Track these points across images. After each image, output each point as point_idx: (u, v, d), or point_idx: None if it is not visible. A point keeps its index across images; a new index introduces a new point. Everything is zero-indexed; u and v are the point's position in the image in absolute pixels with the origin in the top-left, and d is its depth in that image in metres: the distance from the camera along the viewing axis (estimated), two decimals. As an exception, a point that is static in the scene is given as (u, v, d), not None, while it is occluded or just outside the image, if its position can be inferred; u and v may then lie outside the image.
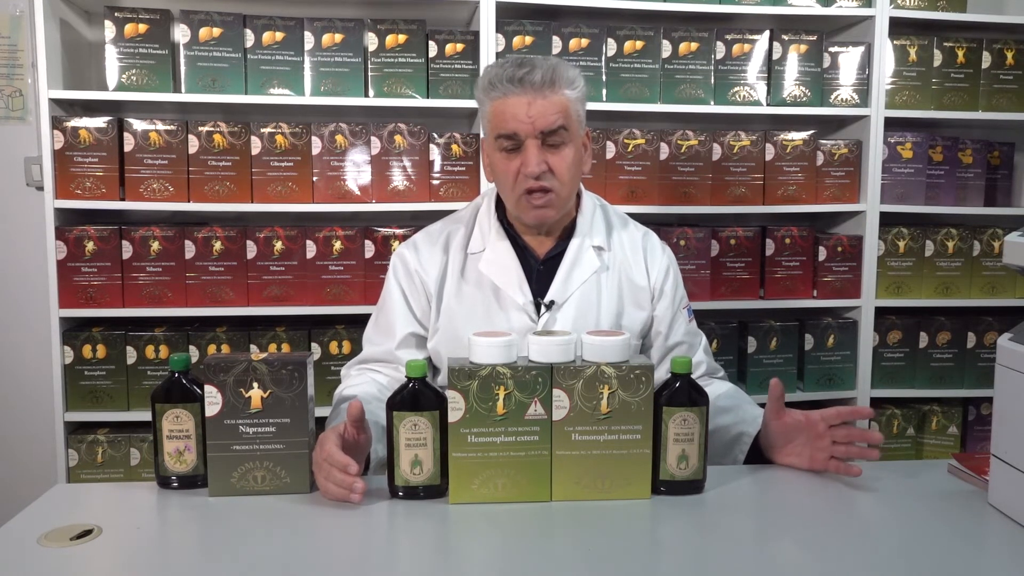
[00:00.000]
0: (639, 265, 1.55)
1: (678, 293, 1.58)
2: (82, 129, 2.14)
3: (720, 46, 2.36)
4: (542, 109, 1.38)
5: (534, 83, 1.38)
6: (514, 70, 1.39)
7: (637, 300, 1.54)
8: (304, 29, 2.20)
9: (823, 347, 2.46)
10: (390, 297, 1.54)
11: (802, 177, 2.43)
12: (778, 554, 1.08)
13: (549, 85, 1.38)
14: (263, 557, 1.05)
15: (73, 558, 1.05)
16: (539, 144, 1.39)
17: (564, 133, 1.41)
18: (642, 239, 1.58)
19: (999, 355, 1.20)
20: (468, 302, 1.49)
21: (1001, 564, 1.07)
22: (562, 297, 1.48)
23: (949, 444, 2.54)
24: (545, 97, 1.38)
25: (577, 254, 1.50)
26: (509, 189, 1.44)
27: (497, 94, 1.40)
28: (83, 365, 2.19)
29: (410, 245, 1.56)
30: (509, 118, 1.39)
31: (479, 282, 1.50)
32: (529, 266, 1.50)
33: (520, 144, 1.40)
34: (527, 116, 1.38)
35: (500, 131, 1.41)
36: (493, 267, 1.49)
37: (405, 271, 1.53)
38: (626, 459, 1.21)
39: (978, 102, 2.48)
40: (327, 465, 1.21)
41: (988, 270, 2.51)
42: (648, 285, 1.55)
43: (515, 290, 1.48)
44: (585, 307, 1.49)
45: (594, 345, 1.20)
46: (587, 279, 1.50)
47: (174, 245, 2.19)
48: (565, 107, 1.40)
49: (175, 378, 1.26)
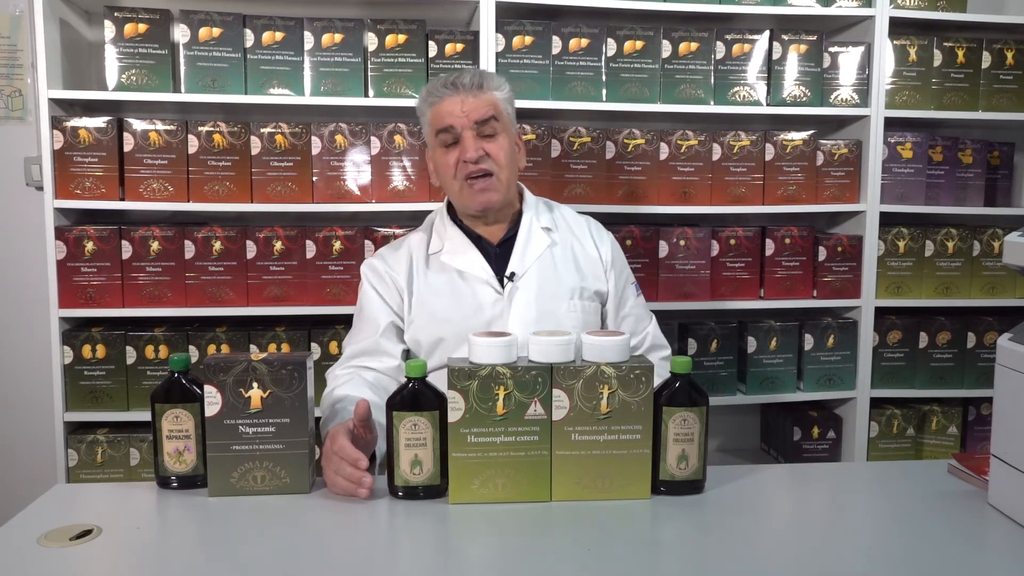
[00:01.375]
0: (587, 240, 1.68)
1: (625, 269, 1.72)
2: (82, 129, 2.14)
3: (720, 46, 2.36)
4: (474, 105, 1.54)
5: (465, 84, 1.55)
6: (447, 77, 1.58)
7: (593, 272, 1.66)
8: (304, 29, 2.20)
9: (823, 347, 2.46)
10: (366, 299, 1.63)
11: (802, 177, 2.43)
12: (778, 554, 1.08)
13: (478, 86, 1.56)
14: (263, 557, 1.05)
15: (73, 558, 1.05)
16: (474, 135, 1.54)
17: (496, 123, 1.56)
18: (586, 223, 1.72)
19: (999, 355, 1.20)
20: (436, 285, 1.60)
21: (1001, 564, 1.07)
22: (522, 269, 1.59)
23: (949, 444, 2.54)
24: (476, 96, 1.55)
25: (529, 231, 1.63)
26: (451, 179, 1.57)
27: (434, 99, 1.58)
28: (83, 365, 2.19)
29: (376, 256, 1.68)
30: (445, 115, 1.55)
31: (443, 269, 1.61)
32: (487, 252, 1.62)
33: (458, 137, 1.55)
34: (461, 111, 1.54)
35: (438, 127, 1.56)
36: (454, 256, 1.61)
37: (376, 274, 1.64)
38: (626, 459, 1.21)
39: (978, 102, 2.48)
40: (337, 459, 1.22)
41: (988, 270, 2.51)
42: (599, 257, 1.67)
43: (477, 270, 1.59)
44: (545, 277, 1.60)
45: (594, 345, 1.20)
46: (541, 254, 1.62)
47: (174, 245, 2.19)
48: (495, 103, 1.57)
49: (175, 378, 1.26)
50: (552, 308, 1.57)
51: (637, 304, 1.71)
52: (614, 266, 1.68)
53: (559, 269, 1.62)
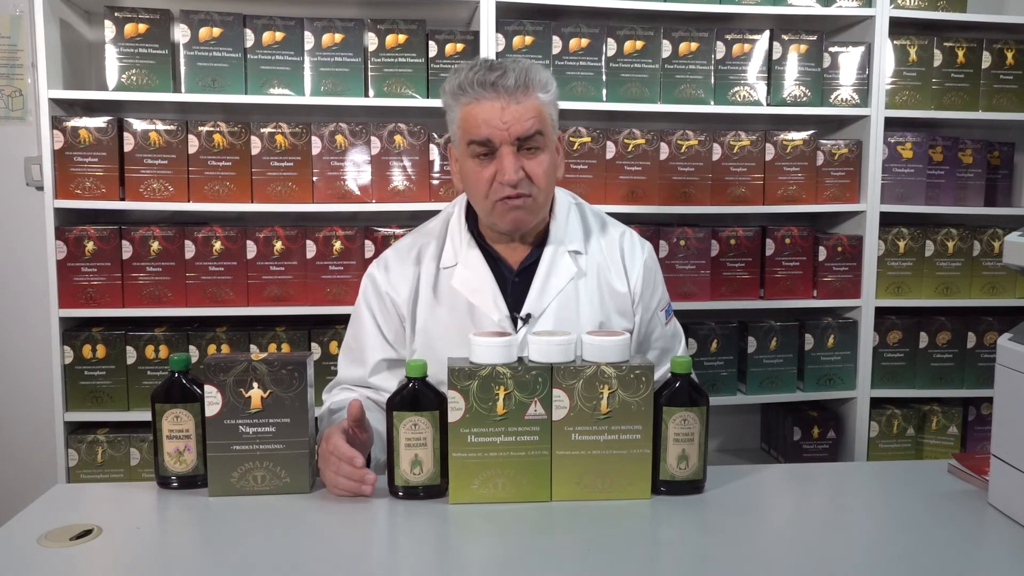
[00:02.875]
0: (618, 269, 1.49)
1: (656, 294, 1.53)
2: (82, 129, 2.14)
3: (720, 46, 2.36)
4: (516, 114, 1.32)
5: (507, 87, 1.32)
6: (485, 73, 1.33)
7: (620, 308, 1.48)
8: (304, 29, 2.20)
9: (823, 347, 2.46)
10: (360, 322, 1.49)
11: (802, 177, 2.43)
12: (778, 554, 1.08)
13: (523, 89, 1.33)
14: (263, 557, 1.05)
15: (73, 558, 1.05)
16: (514, 151, 1.34)
17: (540, 138, 1.36)
18: (619, 239, 1.52)
19: (999, 355, 1.20)
20: (443, 323, 1.44)
21: (1001, 564, 1.07)
22: (538, 309, 1.42)
23: (949, 444, 2.54)
24: (519, 102, 1.33)
25: (552, 262, 1.44)
26: (483, 197, 1.38)
27: (468, 98, 1.34)
28: (83, 365, 2.18)
29: (380, 264, 1.51)
30: (482, 124, 1.33)
31: (453, 300, 1.44)
32: (504, 278, 1.45)
33: (494, 150, 1.34)
34: (502, 122, 1.32)
35: (472, 137, 1.34)
36: (466, 284, 1.43)
37: (376, 294, 1.48)
38: (626, 459, 1.21)
39: (978, 102, 2.48)
40: (335, 459, 1.21)
41: (988, 270, 2.51)
42: (628, 291, 1.49)
43: (490, 306, 1.42)
44: (563, 317, 1.42)
45: (594, 345, 1.20)
46: (564, 288, 1.43)
47: (174, 245, 2.19)
48: (540, 111, 1.35)
49: (175, 378, 1.26)
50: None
51: (664, 334, 1.53)
52: (642, 298, 1.49)
53: (581, 306, 1.44)
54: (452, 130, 1.42)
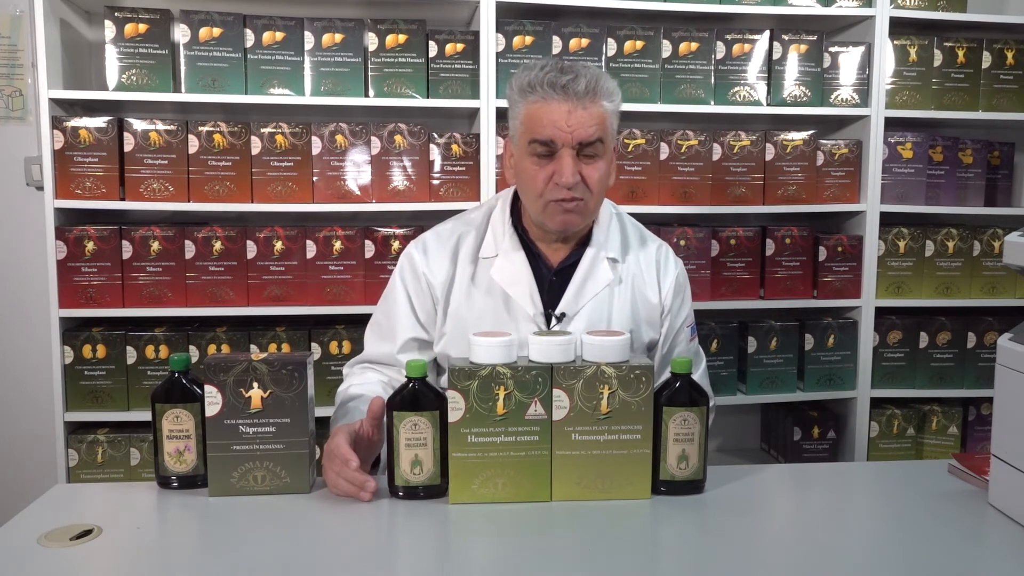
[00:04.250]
0: (652, 280, 1.52)
1: (684, 309, 1.56)
2: (82, 129, 2.14)
3: (720, 46, 2.36)
4: (581, 119, 1.35)
5: (577, 92, 1.34)
6: (556, 75, 1.36)
7: (649, 318, 1.51)
8: (304, 29, 2.20)
9: (823, 347, 2.46)
10: (395, 298, 1.51)
11: (802, 177, 2.43)
12: (778, 554, 1.08)
13: (591, 95, 1.35)
14: (263, 557, 1.05)
15: (73, 558, 1.05)
16: (574, 155, 1.36)
17: (600, 146, 1.38)
18: (656, 252, 1.55)
19: (999, 355, 1.20)
20: (478, 308, 1.46)
21: (1001, 564, 1.07)
22: (573, 309, 1.45)
23: (949, 444, 2.54)
24: (585, 108, 1.35)
25: (591, 265, 1.48)
26: (536, 195, 1.40)
27: (535, 97, 1.37)
28: (83, 365, 2.18)
29: (419, 245, 1.53)
30: (547, 124, 1.35)
31: (490, 288, 1.47)
32: (541, 275, 1.48)
33: (554, 152, 1.37)
34: (567, 125, 1.34)
35: (535, 136, 1.36)
36: (505, 275, 1.46)
37: (412, 273, 1.50)
38: (626, 459, 1.21)
39: (978, 102, 2.48)
40: (339, 460, 1.21)
41: (988, 270, 2.51)
42: (659, 301, 1.52)
43: (526, 300, 1.45)
44: (596, 319, 1.46)
45: (594, 345, 1.20)
46: (599, 292, 1.47)
47: (174, 245, 2.19)
48: (603, 119, 1.38)
49: (175, 378, 1.26)
50: None
51: (688, 350, 1.56)
52: (670, 311, 1.53)
53: (614, 311, 1.48)
54: (514, 125, 1.44)
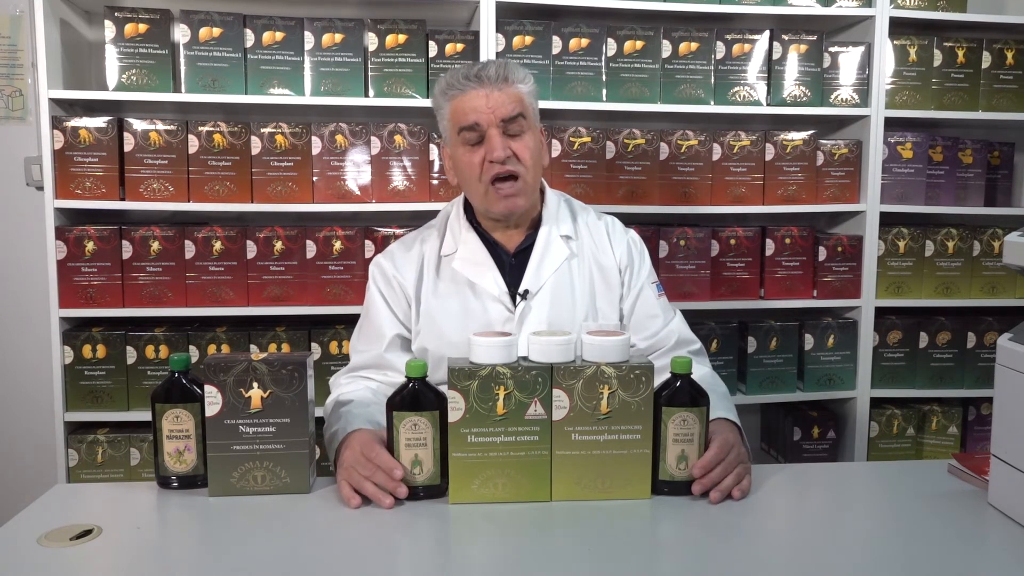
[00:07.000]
0: (604, 246, 1.60)
1: (644, 267, 1.61)
2: (82, 129, 2.14)
3: (720, 46, 2.36)
4: (499, 100, 1.45)
5: (490, 77, 1.46)
6: (468, 69, 1.48)
7: (608, 281, 1.58)
8: (304, 29, 2.20)
9: (823, 347, 2.46)
10: (373, 305, 1.58)
11: (802, 177, 2.43)
12: (778, 554, 1.08)
13: (503, 79, 1.47)
14: (263, 557, 1.05)
15: (73, 558, 1.05)
16: (500, 132, 1.45)
17: (523, 121, 1.47)
18: (606, 224, 1.63)
19: (999, 355, 1.20)
20: (445, 298, 1.54)
21: (1001, 564, 1.07)
22: (535, 286, 1.52)
23: (949, 444, 2.54)
24: (501, 89, 1.46)
25: (546, 243, 1.55)
26: (475, 181, 1.48)
27: (455, 92, 1.48)
28: (83, 365, 2.18)
29: (386, 254, 1.61)
30: (469, 111, 1.46)
31: (455, 279, 1.54)
32: (501, 260, 1.55)
33: (482, 135, 1.46)
34: (486, 107, 1.45)
35: (462, 124, 1.47)
36: (466, 264, 1.54)
37: (384, 278, 1.58)
38: (626, 459, 1.21)
39: (978, 102, 2.48)
40: (372, 466, 1.21)
41: (988, 270, 2.51)
42: (615, 263, 1.59)
43: (489, 282, 1.52)
44: (559, 294, 1.53)
45: (594, 345, 1.20)
46: (559, 267, 1.54)
47: (174, 245, 2.19)
48: (520, 98, 1.47)
49: (175, 378, 1.26)
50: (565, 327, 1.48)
51: (658, 304, 1.60)
52: (630, 267, 1.59)
53: (575, 285, 1.54)
54: (444, 126, 1.54)
